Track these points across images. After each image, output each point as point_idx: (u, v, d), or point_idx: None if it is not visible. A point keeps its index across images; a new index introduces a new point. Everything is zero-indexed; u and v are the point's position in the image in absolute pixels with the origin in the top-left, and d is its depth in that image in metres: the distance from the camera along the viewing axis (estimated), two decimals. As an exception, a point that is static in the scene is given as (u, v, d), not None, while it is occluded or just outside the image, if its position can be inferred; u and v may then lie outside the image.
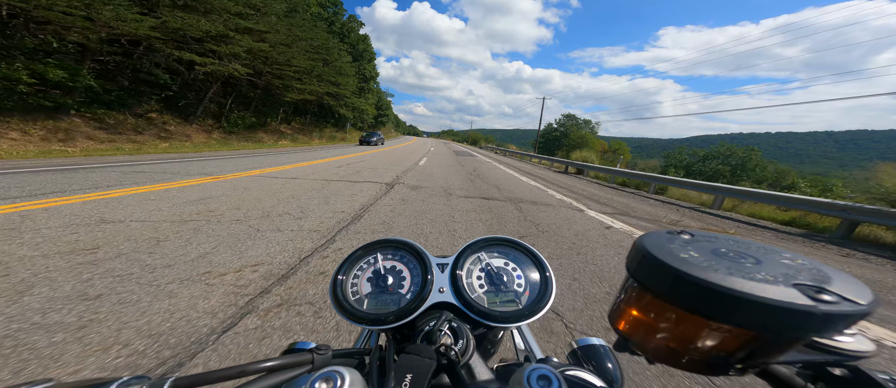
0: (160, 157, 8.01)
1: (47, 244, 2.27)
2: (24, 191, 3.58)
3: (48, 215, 2.88)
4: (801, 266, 0.25)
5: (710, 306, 0.23)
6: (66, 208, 3.12)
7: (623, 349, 0.32)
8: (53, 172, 4.82)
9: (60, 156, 6.84)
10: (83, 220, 2.82)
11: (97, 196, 3.62)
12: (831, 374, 0.25)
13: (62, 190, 3.74)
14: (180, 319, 1.57)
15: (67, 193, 3.65)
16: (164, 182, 4.67)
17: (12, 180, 4.04)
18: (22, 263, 1.98)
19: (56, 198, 3.40)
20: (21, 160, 5.83)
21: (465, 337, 0.37)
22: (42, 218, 2.78)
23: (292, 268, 2.25)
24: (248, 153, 10.93)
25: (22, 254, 2.10)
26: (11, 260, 2.01)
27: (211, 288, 1.88)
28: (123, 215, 3.03)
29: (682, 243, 0.28)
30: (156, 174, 5.27)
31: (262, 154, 10.90)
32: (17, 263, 1.98)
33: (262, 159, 9.04)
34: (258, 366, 0.29)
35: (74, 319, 1.51)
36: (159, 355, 1.34)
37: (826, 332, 0.24)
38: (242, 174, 5.99)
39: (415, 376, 0.29)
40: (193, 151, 10.05)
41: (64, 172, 4.82)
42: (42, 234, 2.44)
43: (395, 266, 0.52)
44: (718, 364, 0.25)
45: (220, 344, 1.43)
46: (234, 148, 12.75)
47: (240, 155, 10.06)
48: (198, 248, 2.44)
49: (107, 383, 0.24)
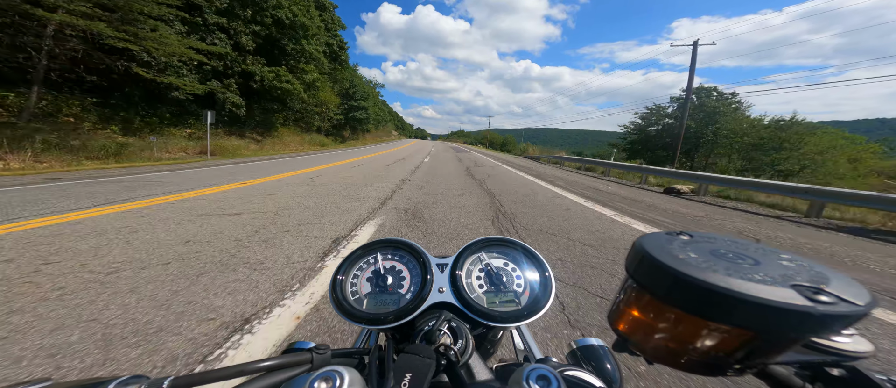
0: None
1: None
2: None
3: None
4: (800, 267, 0.25)
5: (708, 307, 0.23)
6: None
7: (622, 349, 0.32)
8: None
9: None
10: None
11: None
12: (829, 374, 0.25)
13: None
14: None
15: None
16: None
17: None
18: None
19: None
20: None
21: (465, 337, 0.37)
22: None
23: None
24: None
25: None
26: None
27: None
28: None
29: (681, 244, 0.28)
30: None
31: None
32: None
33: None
34: (257, 365, 0.29)
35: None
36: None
37: (824, 332, 0.24)
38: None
39: (414, 375, 0.29)
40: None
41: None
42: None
43: (394, 266, 0.52)
44: (717, 365, 0.25)
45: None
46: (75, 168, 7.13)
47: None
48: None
49: (105, 382, 0.24)
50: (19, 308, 1.67)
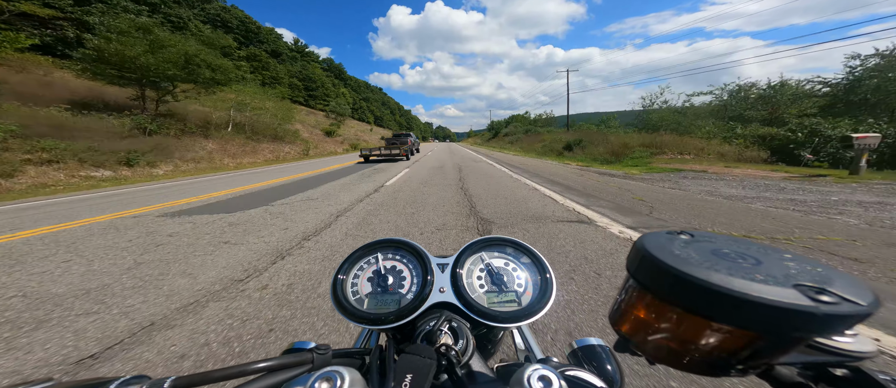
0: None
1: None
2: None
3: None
4: (802, 267, 0.25)
5: (710, 307, 0.23)
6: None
7: (623, 349, 0.31)
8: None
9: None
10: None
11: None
12: (832, 375, 0.25)
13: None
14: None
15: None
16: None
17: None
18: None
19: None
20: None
21: (465, 337, 0.37)
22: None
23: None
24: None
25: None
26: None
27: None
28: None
29: (682, 244, 0.28)
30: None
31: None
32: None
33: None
34: (258, 366, 0.29)
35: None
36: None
37: (827, 333, 0.23)
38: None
39: (415, 376, 0.29)
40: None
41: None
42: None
43: (395, 266, 0.52)
44: (719, 365, 0.25)
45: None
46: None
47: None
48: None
49: (106, 382, 0.25)
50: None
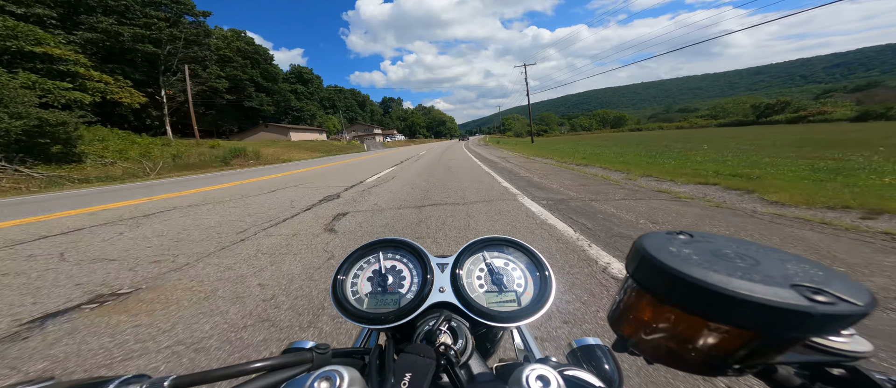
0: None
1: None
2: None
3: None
4: (800, 267, 0.25)
5: (708, 307, 0.23)
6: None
7: (622, 349, 0.32)
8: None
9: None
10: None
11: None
12: (829, 374, 0.25)
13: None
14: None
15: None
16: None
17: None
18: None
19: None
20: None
21: (465, 337, 0.37)
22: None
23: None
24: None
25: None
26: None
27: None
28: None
29: (681, 244, 0.28)
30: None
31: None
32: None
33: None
34: (257, 365, 0.30)
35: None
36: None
37: (824, 332, 0.24)
38: None
39: (414, 375, 0.29)
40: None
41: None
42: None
43: (395, 266, 0.52)
44: (717, 365, 0.25)
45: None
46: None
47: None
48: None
49: (106, 381, 0.25)
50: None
